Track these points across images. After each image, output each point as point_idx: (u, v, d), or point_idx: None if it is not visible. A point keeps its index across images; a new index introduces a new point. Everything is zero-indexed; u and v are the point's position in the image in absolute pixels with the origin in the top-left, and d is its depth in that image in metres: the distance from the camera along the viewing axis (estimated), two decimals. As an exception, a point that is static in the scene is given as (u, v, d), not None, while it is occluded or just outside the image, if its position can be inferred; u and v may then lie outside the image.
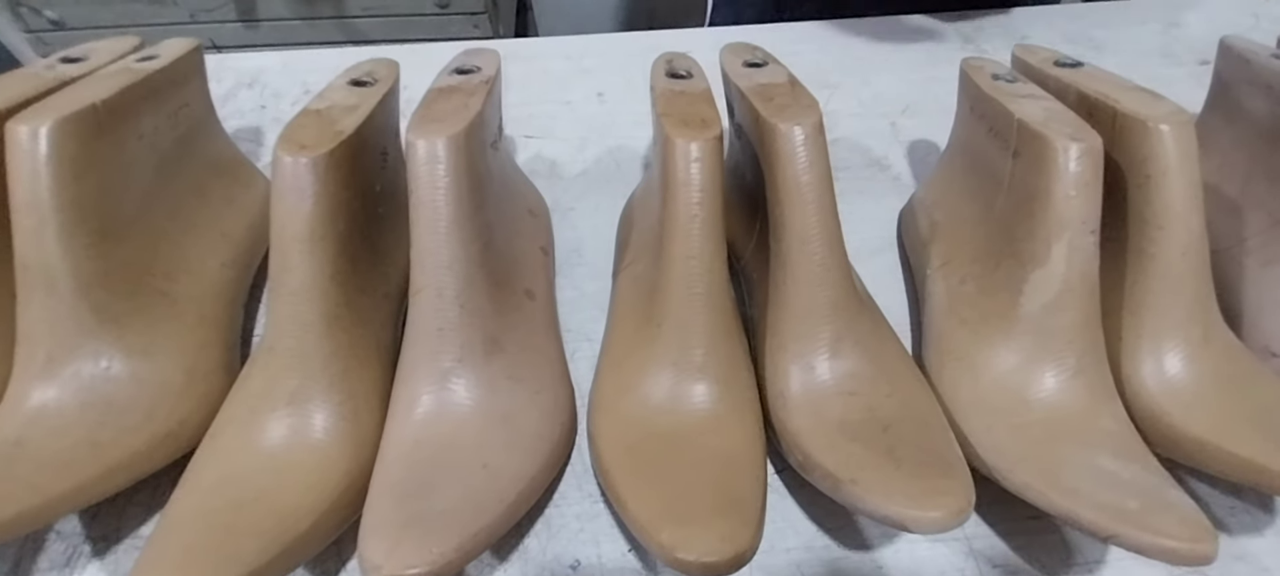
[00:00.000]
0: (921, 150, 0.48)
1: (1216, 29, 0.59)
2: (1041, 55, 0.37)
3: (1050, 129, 0.30)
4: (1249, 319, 0.35)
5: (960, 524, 0.23)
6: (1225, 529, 0.31)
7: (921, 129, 0.50)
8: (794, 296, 0.31)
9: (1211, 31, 0.60)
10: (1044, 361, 0.30)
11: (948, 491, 0.24)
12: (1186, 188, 0.30)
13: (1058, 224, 0.29)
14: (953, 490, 0.24)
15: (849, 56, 0.57)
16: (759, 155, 0.32)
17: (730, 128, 0.39)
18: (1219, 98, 0.41)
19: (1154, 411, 0.30)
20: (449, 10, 0.90)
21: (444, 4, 0.88)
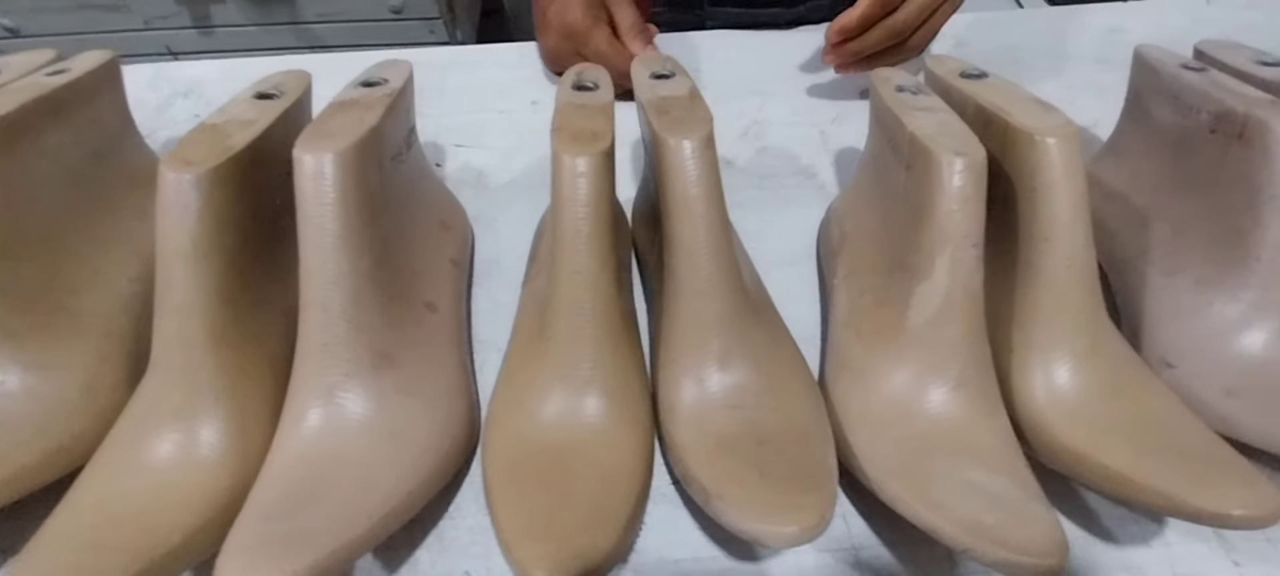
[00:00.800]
0: (849, 159, 0.49)
1: (1156, 35, 0.60)
2: (949, 66, 0.38)
3: (937, 143, 0.30)
4: (1148, 329, 0.35)
5: (813, 538, 0.23)
6: (1114, 540, 0.31)
7: (852, 137, 0.50)
8: (682, 309, 0.31)
9: (1150, 37, 0.60)
10: (928, 374, 0.30)
11: (805, 506, 0.24)
12: (1072, 200, 0.30)
13: (941, 237, 0.30)
14: (811, 505, 0.24)
15: (788, 64, 0.57)
16: (654, 168, 0.32)
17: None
18: (1132, 107, 0.41)
19: (1038, 423, 0.30)
20: (404, 16, 0.90)
21: (398, 9, 0.89)
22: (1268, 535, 0.31)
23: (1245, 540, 0.31)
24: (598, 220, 0.29)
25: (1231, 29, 0.60)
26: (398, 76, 0.36)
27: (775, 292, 0.40)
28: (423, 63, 0.61)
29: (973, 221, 0.29)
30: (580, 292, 0.30)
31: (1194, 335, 0.33)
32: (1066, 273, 0.30)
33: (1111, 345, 0.31)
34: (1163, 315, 0.35)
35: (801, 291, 0.41)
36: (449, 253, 0.38)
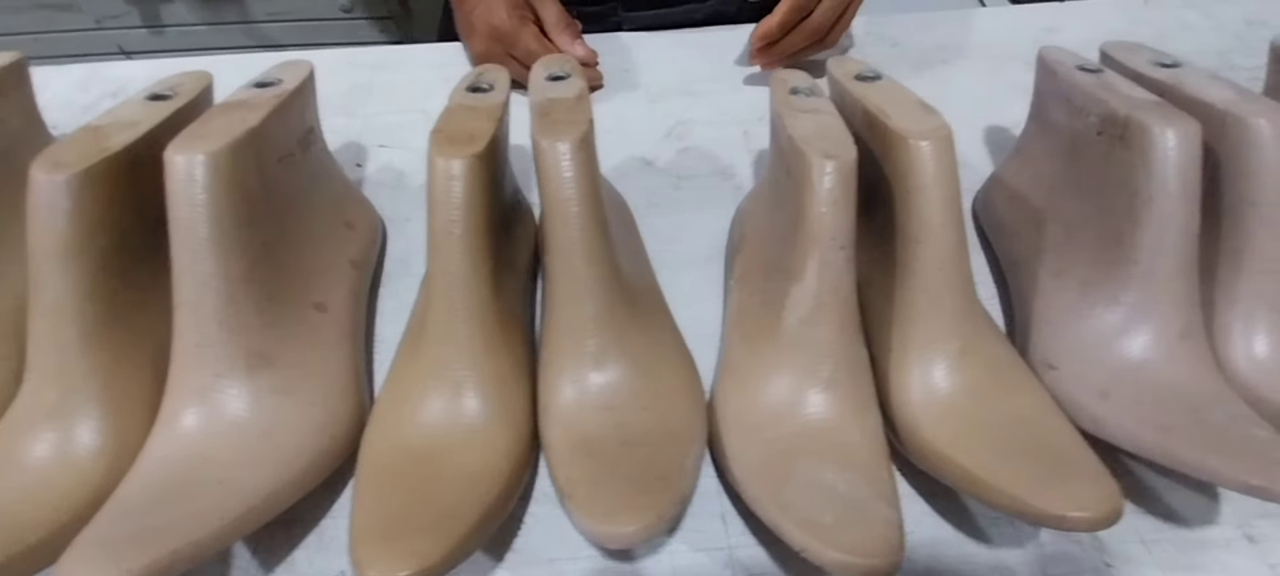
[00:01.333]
0: (767, 161, 0.49)
1: (1092, 35, 0.60)
2: (847, 69, 0.38)
3: (809, 145, 0.30)
4: (1035, 330, 0.35)
5: (649, 537, 0.24)
6: (987, 540, 0.32)
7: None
8: (559, 311, 0.31)
9: (1086, 38, 0.60)
10: (799, 375, 0.30)
11: (645, 508, 0.24)
12: (943, 203, 0.30)
13: (811, 239, 0.30)
14: (650, 505, 0.24)
15: (721, 64, 0.57)
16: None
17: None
18: (1035, 109, 0.41)
19: (909, 424, 0.31)
20: (355, 15, 0.90)
21: (348, 7, 0.89)
22: (1142, 537, 0.32)
23: (1120, 542, 0.31)
24: (471, 222, 0.30)
25: (1168, 28, 0.60)
26: (294, 77, 0.37)
27: (683, 292, 0.40)
28: (355, 62, 0.61)
29: (841, 223, 0.29)
30: (453, 294, 0.30)
31: (1075, 337, 0.33)
32: (939, 274, 0.31)
33: (986, 346, 0.31)
34: (1049, 316, 0.35)
35: (708, 291, 0.41)
36: (350, 253, 0.38)
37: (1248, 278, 0.32)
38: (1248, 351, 0.32)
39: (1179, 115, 0.31)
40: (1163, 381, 0.31)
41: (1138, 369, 0.31)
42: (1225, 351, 0.33)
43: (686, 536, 0.32)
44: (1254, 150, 0.31)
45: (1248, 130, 0.31)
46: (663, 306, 0.36)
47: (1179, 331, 0.31)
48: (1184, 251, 0.31)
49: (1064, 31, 0.59)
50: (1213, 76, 0.35)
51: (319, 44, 0.93)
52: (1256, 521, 0.32)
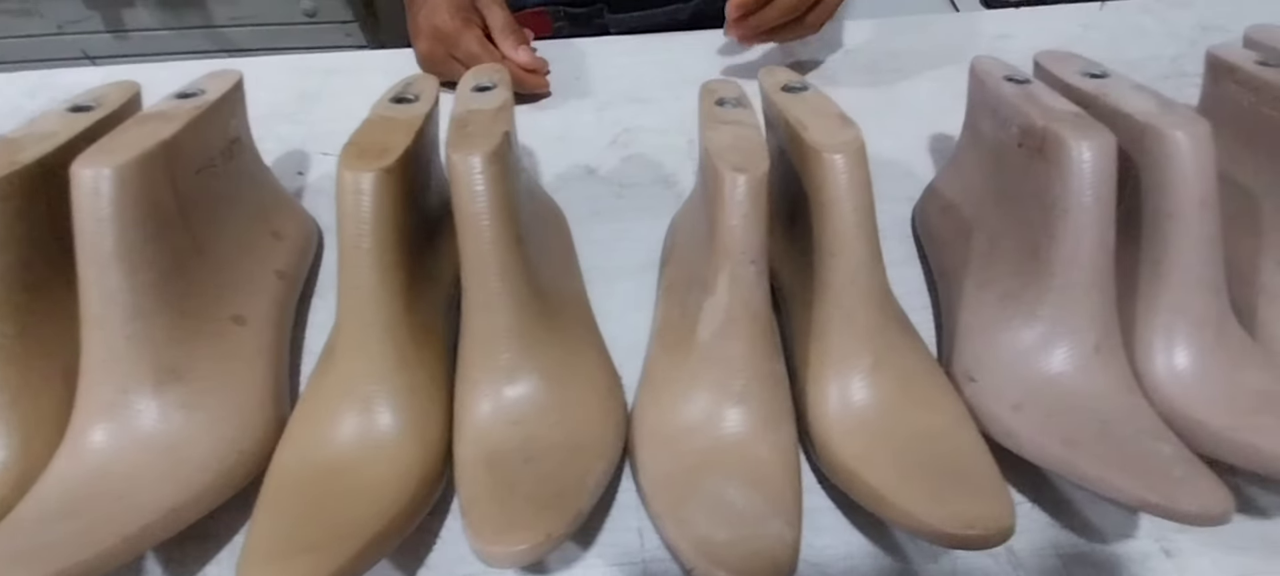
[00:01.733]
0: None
1: (1043, 42, 0.60)
2: (776, 78, 0.38)
3: (722, 159, 0.30)
4: (959, 342, 0.35)
5: (535, 558, 0.24)
6: (901, 554, 0.31)
7: (723, 145, 0.51)
8: (472, 324, 0.31)
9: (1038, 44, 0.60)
10: (712, 390, 0.30)
11: (534, 526, 0.24)
12: (856, 215, 0.30)
13: (723, 253, 0.30)
14: (538, 525, 0.24)
15: (673, 71, 0.57)
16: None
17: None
18: (968, 119, 0.41)
19: (821, 439, 0.31)
20: (318, 19, 0.90)
21: (311, 12, 0.89)
22: (1059, 551, 0.31)
23: (1036, 557, 0.31)
24: (380, 236, 0.29)
25: (1121, 34, 0.60)
26: (218, 87, 0.36)
27: (618, 302, 0.40)
28: (306, 69, 0.61)
29: (752, 237, 0.29)
30: (363, 308, 0.30)
31: (993, 349, 0.33)
32: (851, 288, 0.30)
33: (901, 359, 0.31)
34: (971, 328, 0.35)
35: (644, 301, 0.41)
36: (276, 263, 0.38)
37: (1167, 290, 0.32)
38: (1168, 364, 0.32)
39: (1095, 127, 0.31)
40: (1075, 394, 0.31)
41: (1051, 382, 0.31)
42: (1146, 364, 0.33)
43: (602, 550, 0.32)
44: (1171, 162, 0.31)
45: (1165, 142, 0.31)
46: (586, 319, 0.36)
47: (1094, 344, 0.31)
48: (1098, 264, 0.31)
49: (1017, 38, 0.59)
50: (1137, 87, 0.35)
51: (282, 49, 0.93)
52: (1174, 537, 0.32)
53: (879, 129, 0.53)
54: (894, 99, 0.55)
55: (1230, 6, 0.61)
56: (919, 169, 0.49)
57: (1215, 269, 0.32)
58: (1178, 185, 0.31)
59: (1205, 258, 0.31)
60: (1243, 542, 0.32)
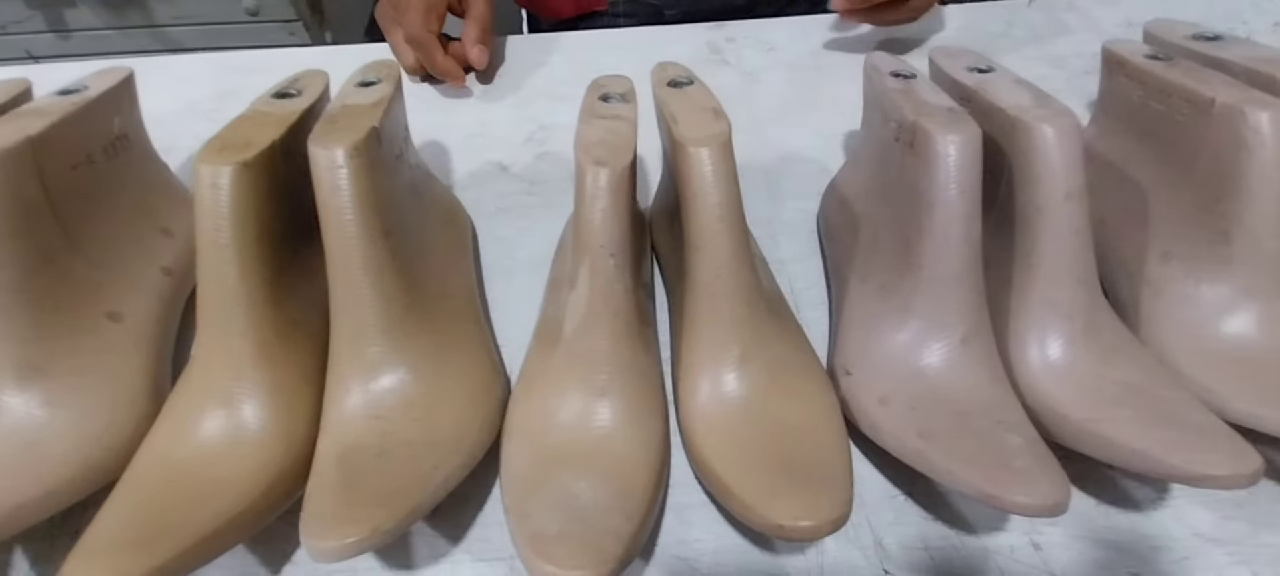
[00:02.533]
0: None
1: (966, 38, 0.60)
2: (662, 74, 0.38)
3: (586, 152, 0.30)
4: (840, 336, 0.35)
5: (356, 554, 0.23)
6: (768, 546, 0.31)
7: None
8: (336, 320, 0.31)
9: (962, 40, 0.60)
10: (576, 384, 0.30)
11: (355, 521, 0.24)
12: (719, 209, 0.30)
13: (583, 247, 0.30)
14: (361, 519, 0.24)
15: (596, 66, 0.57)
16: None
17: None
18: (863, 114, 0.41)
19: (686, 431, 0.31)
20: (260, 17, 0.89)
21: (254, 11, 0.88)
22: (928, 544, 0.31)
23: (904, 549, 0.31)
24: (238, 230, 0.29)
25: (1045, 30, 0.61)
26: (102, 84, 0.36)
27: (517, 297, 0.40)
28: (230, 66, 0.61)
29: (612, 231, 0.29)
30: (222, 305, 0.29)
31: (868, 343, 0.33)
32: (716, 281, 0.30)
33: (769, 352, 0.31)
34: (852, 322, 0.35)
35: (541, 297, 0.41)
36: (163, 260, 0.37)
37: (1036, 283, 0.32)
38: (1036, 356, 0.32)
39: (962, 122, 0.31)
40: (940, 388, 0.31)
41: (919, 375, 0.31)
42: (1018, 356, 0.33)
43: (471, 545, 0.32)
44: (1038, 155, 0.31)
45: (1032, 135, 0.31)
46: (472, 314, 0.36)
47: (961, 337, 0.31)
48: (965, 257, 0.31)
49: (943, 34, 0.60)
50: (1018, 82, 0.35)
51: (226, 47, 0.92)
52: (1045, 529, 0.32)
53: (800, 126, 0.53)
54: (816, 96, 0.55)
55: (1157, 3, 0.62)
56: (834, 166, 0.49)
57: (1084, 262, 0.32)
58: (1045, 178, 0.31)
59: (1073, 250, 0.32)
60: (1113, 536, 0.32)
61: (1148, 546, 0.31)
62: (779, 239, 0.44)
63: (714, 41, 0.59)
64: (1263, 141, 0.32)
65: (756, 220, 0.46)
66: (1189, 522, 0.32)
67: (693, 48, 0.59)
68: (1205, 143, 0.34)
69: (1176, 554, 0.31)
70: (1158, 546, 0.31)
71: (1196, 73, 0.35)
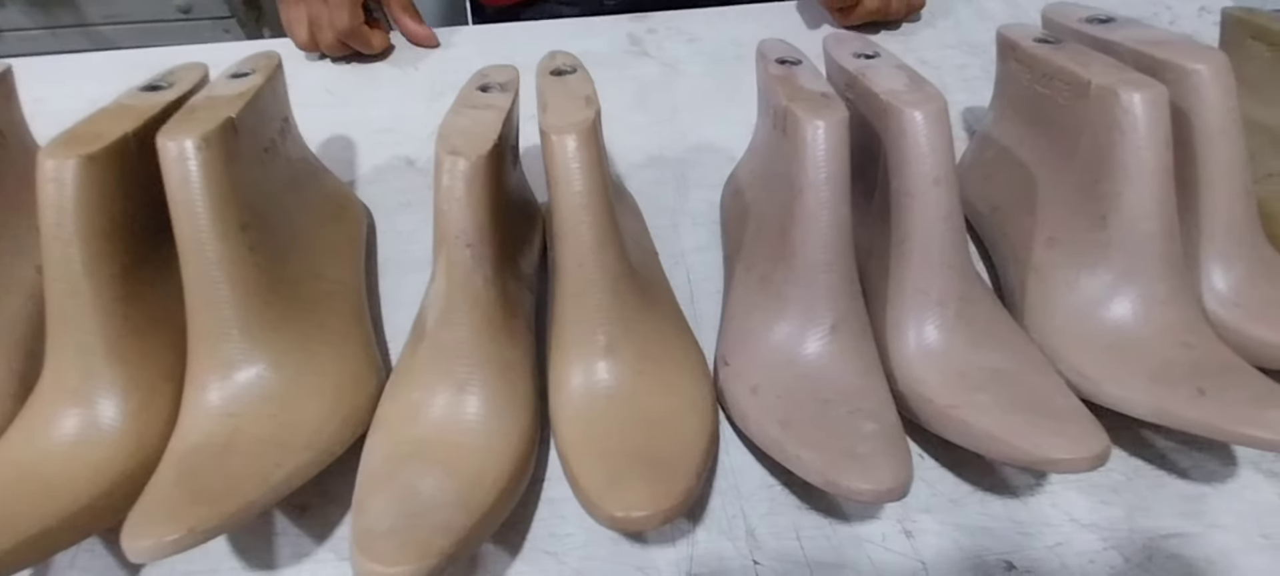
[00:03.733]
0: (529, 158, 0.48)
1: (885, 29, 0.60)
2: (548, 63, 0.37)
3: (444, 142, 0.30)
4: (724, 325, 0.35)
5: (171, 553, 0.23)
6: (640, 539, 0.31)
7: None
8: (191, 315, 0.30)
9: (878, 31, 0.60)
10: (436, 378, 0.30)
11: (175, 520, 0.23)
12: (583, 198, 0.30)
13: (439, 238, 0.29)
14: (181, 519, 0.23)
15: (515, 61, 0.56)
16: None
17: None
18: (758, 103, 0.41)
19: (552, 423, 0.30)
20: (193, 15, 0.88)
21: (186, 9, 0.87)
22: (799, 533, 0.31)
23: (775, 539, 0.31)
24: (82, 225, 0.29)
25: (967, 17, 0.60)
26: (-31, 79, 0.35)
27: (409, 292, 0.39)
28: (147, 65, 0.59)
29: (466, 221, 0.29)
30: (65, 301, 0.29)
31: (745, 332, 0.33)
32: (578, 271, 0.30)
33: (643, 343, 0.31)
34: (734, 311, 0.34)
35: (435, 292, 0.40)
36: (37, 259, 0.36)
37: (909, 269, 0.32)
38: (913, 342, 0.32)
39: (829, 107, 0.31)
40: (808, 375, 0.30)
41: (789, 363, 0.31)
42: (892, 342, 0.32)
43: (337, 544, 0.31)
44: (906, 140, 0.31)
45: (902, 120, 0.31)
46: (353, 309, 0.35)
47: (831, 324, 0.31)
48: (834, 243, 0.31)
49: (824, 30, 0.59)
50: (899, 67, 0.35)
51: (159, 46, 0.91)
52: (917, 516, 0.31)
53: (715, 117, 0.53)
54: (735, 87, 0.54)
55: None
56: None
57: (955, 247, 0.32)
58: (913, 163, 0.31)
59: (943, 236, 0.31)
60: (988, 522, 0.31)
61: (1021, 532, 0.31)
62: (682, 230, 0.44)
63: (635, 33, 0.59)
64: (1136, 123, 0.31)
65: (660, 210, 0.45)
66: (1065, 508, 0.32)
67: (614, 39, 0.58)
68: (1084, 126, 0.34)
69: (1049, 540, 0.31)
70: (1030, 532, 0.31)
71: (1079, 55, 0.35)
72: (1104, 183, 0.33)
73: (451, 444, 0.28)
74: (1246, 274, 0.33)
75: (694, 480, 0.25)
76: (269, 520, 0.31)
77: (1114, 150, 0.32)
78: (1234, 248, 0.33)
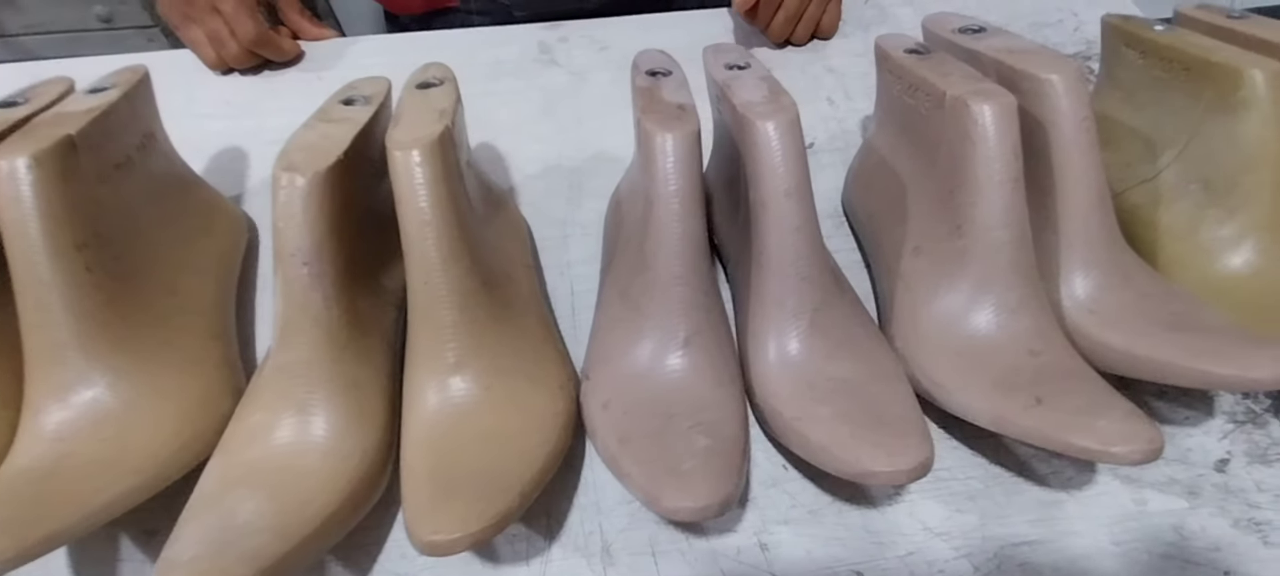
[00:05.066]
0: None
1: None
2: (414, 76, 0.37)
3: (282, 158, 0.29)
4: (590, 342, 0.35)
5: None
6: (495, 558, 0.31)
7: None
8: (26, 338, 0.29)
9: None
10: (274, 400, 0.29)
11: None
12: (424, 214, 0.29)
13: (277, 256, 0.29)
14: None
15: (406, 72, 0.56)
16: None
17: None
18: (639, 112, 0.41)
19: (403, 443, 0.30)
20: (115, 25, 0.87)
21: (107, 18, 0.85)
22: (655, 548, 0.31)
23: (630, 554, 0.31)
24: None
25: (875, 24, 0.61)
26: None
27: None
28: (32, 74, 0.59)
29: (301, 239, 0.28)
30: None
31: (606, 346, 0.33)
32: (425, 289, 0.30)
33: (489, 361, 0.30)
34: (599, 326, 0.34)
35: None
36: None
37: (765, 281, 0.32)
38: (770, 354, 0.32)
39: (679, 120, 0.31)
40: (658, 389, 0.30)
41: (639, 378, 0.31)
42: (753, 353, 0.32)
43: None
44: (759, 151, 0.31)
45: (754, 131, 0.31)
46: (214, 327, 0.34)
47: (684, 338, 0.31)
48: (685, 256, 0.31)
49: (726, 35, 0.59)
50: (763, 77, 0.35)
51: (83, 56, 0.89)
52: (775, 528, 0.32)
53: (620, 126, 0.52)
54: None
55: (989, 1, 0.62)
56: (643, 165, 0.49)
57: (809, 259, 0.32)
58: (766, 176, 0.31)
59: (796, 248, 0.31)
60: (843, 532, 0.32)
61: (875, 542, 0.31)
62: (571, 240, 0.44)
63: (546, 41, 0.58)
64: (986, 134, 0.32)
65: (551, 221, 0.45)
66: (920, 517, 0.32)
67: (524, 48, 0.58)
68: (942, 136, 0.34)
69: (902, 549, 0.31)
70: (884, 542, 0.31)
71: (941, 66, 0.35)
72: (960, 193, 0.33)
73: (282, 468, 0.28)
74: (1103, 281, 0.34)
75: (516, 501, 0.25)
76: (113, 543, 0.31)
77: (967, 160, 0.32)
78: (1090, 254, 0.34)
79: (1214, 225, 0.36)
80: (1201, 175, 0.37)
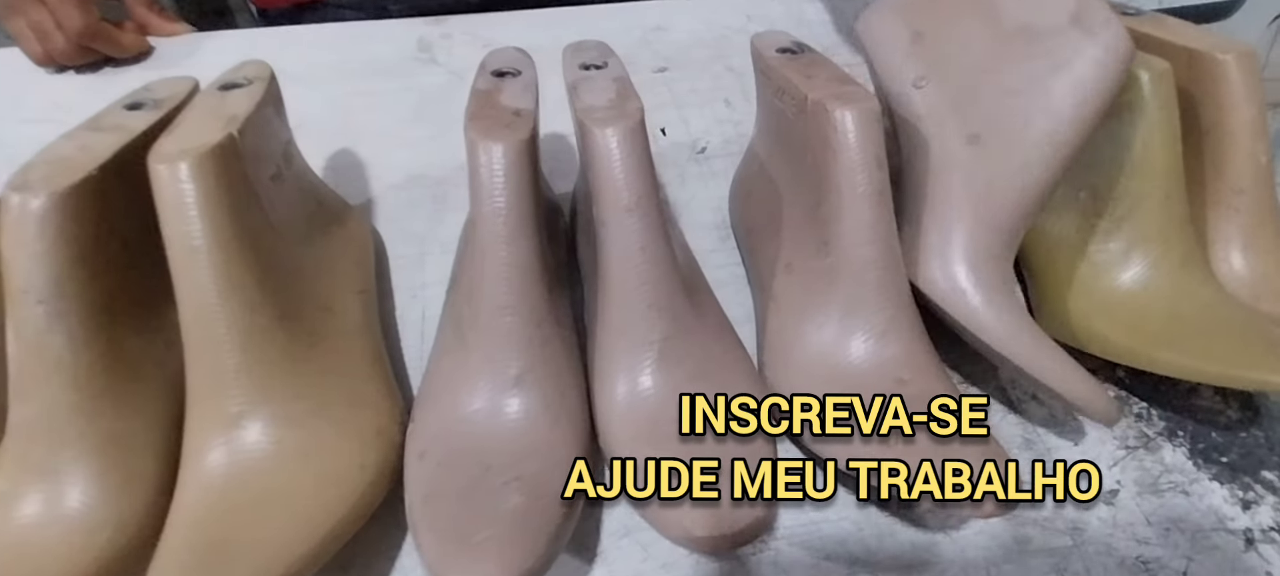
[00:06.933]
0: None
1: (701, 33, 0.57)
2: (222, 76, 0.32)
3: (15, 176, 0.25)
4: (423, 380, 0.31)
5: None
6: None
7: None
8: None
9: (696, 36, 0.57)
10: (14, 465, 0.24)
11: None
12: (190, 239, 0.25)
13: (6, 293, 0.24)
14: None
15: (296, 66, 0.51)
16: None
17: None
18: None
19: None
20: None
21: None
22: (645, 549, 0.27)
23: None
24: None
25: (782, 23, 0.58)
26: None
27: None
28: None
29: (36, 271, 0.24)
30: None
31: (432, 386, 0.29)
32: (198, 327, 0.25)
33: (278, 408, 0.26)
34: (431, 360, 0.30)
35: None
36: None
37: (610, 310, 0.28)
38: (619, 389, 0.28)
39: (509, 127, 0.27)
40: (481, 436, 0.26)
41: (463, 422, 0.27)
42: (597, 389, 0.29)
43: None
44: (597, 161, 0.27)
45: (592, 139, 0.27)
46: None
47: (515, 376, 0.27)
48: (512, 283, 0.27)
49: (673, 30, 0.56)
50: (618, 78, 0.31)
51: None
52: None
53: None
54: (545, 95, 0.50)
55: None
56: (558, 172, 0.45)
57: (655, 284, 0.28)
58: (606, 189, 0.27)
59: (640, 272, 0.28)
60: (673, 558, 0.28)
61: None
62: (428, 259, 0.39)
63: (427, 38, 0.54)
64: (848, 143, 0.29)
65: (408, 238, 0.41)
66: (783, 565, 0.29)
67: (402, 45, 0.53)
68: (808, 143, 0.31)
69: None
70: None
71: (809, 65, 0.32)
72: (824, 205, 0.30)
73: (17, 544, 0.23)
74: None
75: (278, 571, 0.21)
76: None
77: (829, 170, 0.29)
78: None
79: (1102, 237, 0.34)
80: (1089, 182, 0.34)
